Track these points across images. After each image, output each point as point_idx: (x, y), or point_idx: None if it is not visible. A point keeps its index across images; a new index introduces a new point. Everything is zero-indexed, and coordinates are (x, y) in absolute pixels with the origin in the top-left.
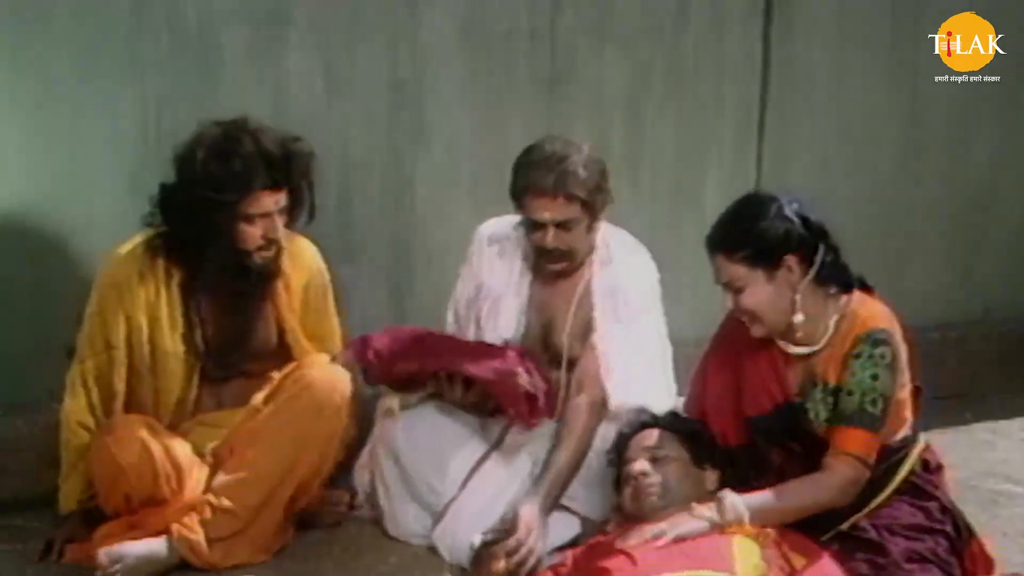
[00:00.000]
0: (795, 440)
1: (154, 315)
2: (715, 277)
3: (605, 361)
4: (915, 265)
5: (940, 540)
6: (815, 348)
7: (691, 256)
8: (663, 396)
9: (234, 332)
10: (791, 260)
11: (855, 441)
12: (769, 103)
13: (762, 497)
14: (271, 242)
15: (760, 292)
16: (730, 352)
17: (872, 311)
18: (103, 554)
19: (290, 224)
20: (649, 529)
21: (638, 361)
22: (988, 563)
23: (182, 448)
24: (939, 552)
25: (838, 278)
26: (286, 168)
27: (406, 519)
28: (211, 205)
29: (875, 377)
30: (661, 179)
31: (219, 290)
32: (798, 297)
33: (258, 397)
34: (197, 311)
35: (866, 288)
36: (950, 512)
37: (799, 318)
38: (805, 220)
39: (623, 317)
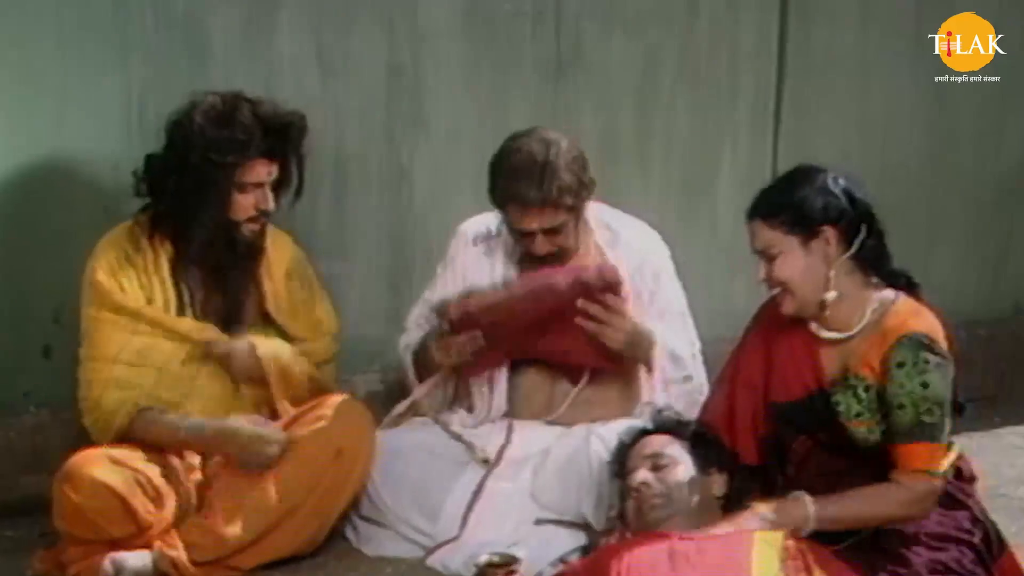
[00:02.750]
0: (821, 430)
1: (149, 297)
2: (750, 244)
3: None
4: (941, 260)
5: (965, 551)
6: (849, 334)
7: (704, 251)
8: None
9: (223, 311)
10: (829, 232)
11: (920, 457)
12: (786, 90)
13: (834, 505)
14: (262, 213)
15: (794, 261)
16: (764, 335)
17: (917, 312)
18: (108, 562)
19: (277, 200)
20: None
21: (675, 345)
22: None
23: (155, 470)
24: (964, 563)
25: (879, 265)
26: (283, 138)
27: (380, 543)
28: (207, 172)
29: (925, 385)
30: (672, 171)
31: (207, 267)
32: (832, 273)
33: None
34: (188, 290)
35: (914, 289)
36: (981, 523)
37: (831, 295)
38: (850, 196)
39: (656, 296)
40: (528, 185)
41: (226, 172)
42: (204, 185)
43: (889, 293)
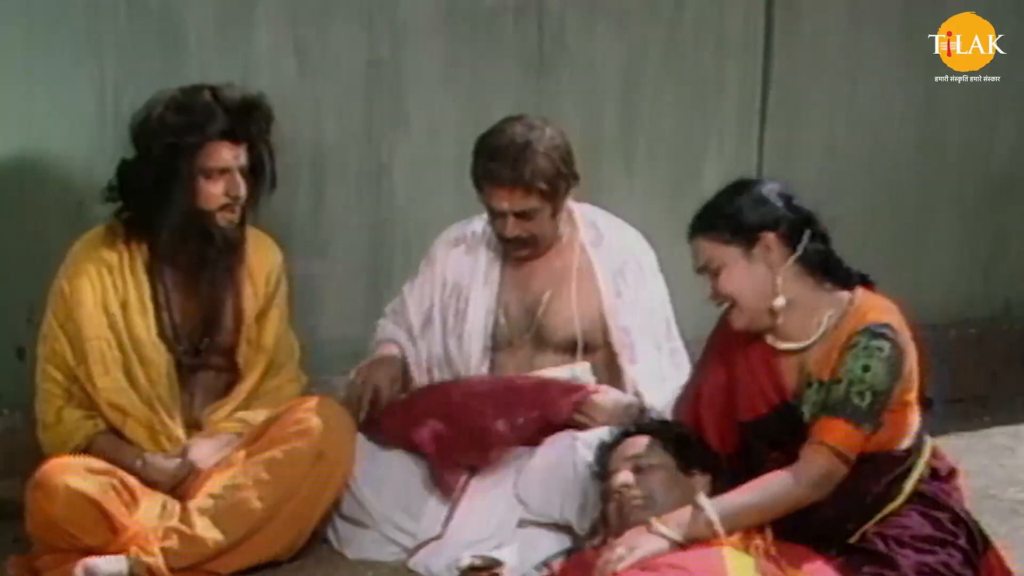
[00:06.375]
0: (793, 443)
1: (124, 302)
2: (693, 263)
3: (630, 352)
4: (931, 258)
5: (953, 552)
6: (807, 343)
7: (689, 248)
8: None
9: (201, 314)
10: (769, 237)
11: (835, 432)
12: (773, 84)
13: (733, 500)
14: (234, 200)
15: (738, 272)
16: (724, 353)
17: (876, 306)
18: (80, 568)
19: (254, 194)
20: (606, 560)
21: (659, 346)
22: (1006, 575)
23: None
24: (952, 565)
25: (830, 268)
26: (245, 118)
27: (362, 545)
28: (169, 159)
29: (866, 368)
30: (657, 167)
31: (184, 268)
32: (779, 280)
33: (235, 425)
34: (164, 293)
35: (868, 285)
36: (964, 523)
37: (780, 301)
38: (787, 201)
39: (638, 297)
40: (502, 164)
41: (188, 156)
42: (168, 173)
43: (844, 295)
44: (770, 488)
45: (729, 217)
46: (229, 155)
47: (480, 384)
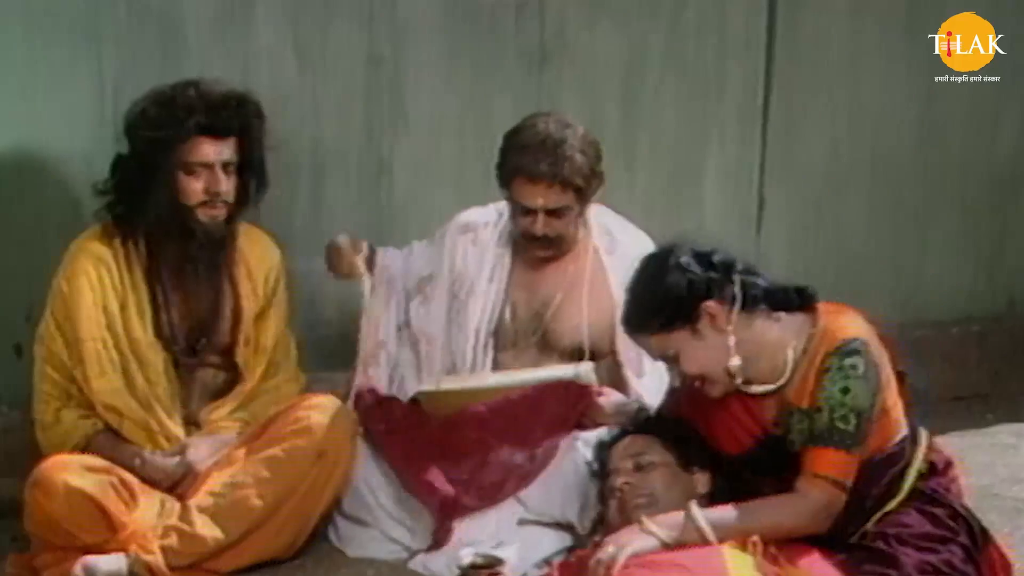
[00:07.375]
0: (785, 471)
1: (123, 302)
2: (648, 353)
3: (637, 365)
4: (933, 257)
5: (955, 549)
6: (781, 383)
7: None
8: None
9: (198, 314)
10: (709, 306)
11: (827, 462)
12: (775, 81)
13: (729, 514)
14: (215, 196)
15: (694, 352)
16: (695, 409)
17: (841, 324)
18: (80, 567)
19: (246, 192)
20: (597, 560)
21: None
22: (1007, 567)
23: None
24: (954, 563)
25: (774, 301)
26: (227, 114)
27: (362, 543)
28: (150, 153)
29: (845, 391)
30: (658, 163)
31: (174, 265)
32: (731, 341)
33: (233, 425)
34: (163, 294)
35: (812, 299)
36: (964, 518)
37: (735, 362)
38: (706, 261)
39: None
40: (539, 159)
41: (168, 150)
42: (150, 167)
43: (803, 320)
44: (768, 515)
45: (661, 305)
46: (210, 151)
47: (489, 413)
